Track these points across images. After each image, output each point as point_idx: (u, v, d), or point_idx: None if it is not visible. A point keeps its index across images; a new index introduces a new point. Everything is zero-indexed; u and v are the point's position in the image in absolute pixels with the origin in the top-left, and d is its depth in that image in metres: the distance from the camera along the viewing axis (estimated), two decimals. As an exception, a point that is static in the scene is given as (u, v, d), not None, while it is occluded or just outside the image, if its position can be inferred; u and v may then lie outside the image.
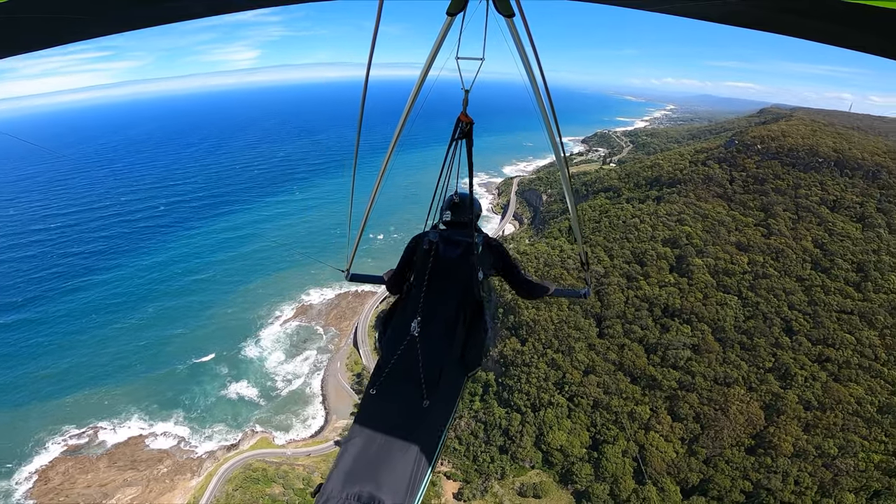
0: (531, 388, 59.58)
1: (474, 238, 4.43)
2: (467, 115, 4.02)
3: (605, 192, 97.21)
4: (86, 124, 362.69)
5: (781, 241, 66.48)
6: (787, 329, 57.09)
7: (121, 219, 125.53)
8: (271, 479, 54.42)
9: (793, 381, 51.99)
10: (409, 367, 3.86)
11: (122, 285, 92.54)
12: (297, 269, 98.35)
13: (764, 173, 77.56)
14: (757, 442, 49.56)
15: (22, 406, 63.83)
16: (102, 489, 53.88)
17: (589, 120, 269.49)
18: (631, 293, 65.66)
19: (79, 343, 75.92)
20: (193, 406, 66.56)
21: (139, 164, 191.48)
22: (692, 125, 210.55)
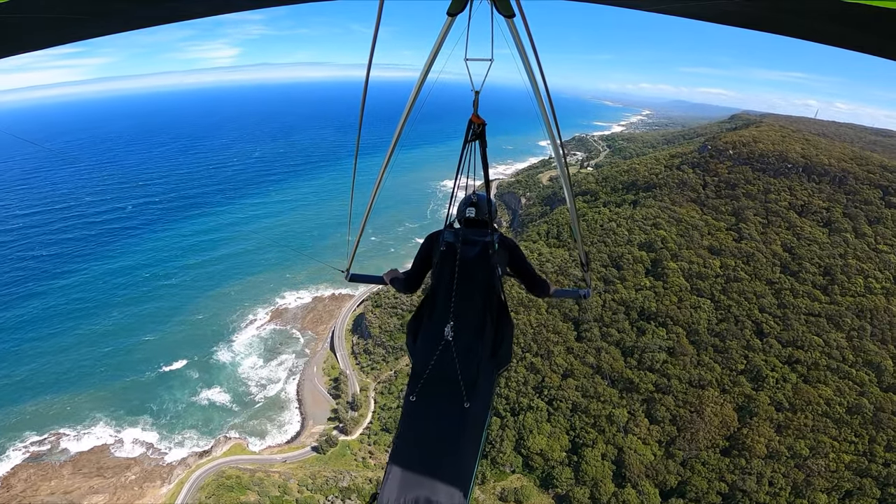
0: (510, 392, 59.41)
1: (492, 237, 4.43)
2: (479, 117, 4.03)
3: (582, 196, 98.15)
4: (53, 121, 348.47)
5: (752, 245, 68.14)
6: (759, 331, 58.56)
7: (85, 220, 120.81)
8: (246, 487, 52.76)
9: (764, 383, 53.22)
10: (445, 370, 3.88)
11: (85, 290, 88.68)
12: (272, 271, 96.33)
13: (735, 178, 79.49)
14: (731, 443, 50.48)
15: None
16: (67, 496, 51.83)
17: (566, 124, 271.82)
18: (608, 297, 66.26)
19: (38, 349, 72.51)
20: (162, 412, 64.31)
21: (107, 162, 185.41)
22: (667, 130, 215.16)
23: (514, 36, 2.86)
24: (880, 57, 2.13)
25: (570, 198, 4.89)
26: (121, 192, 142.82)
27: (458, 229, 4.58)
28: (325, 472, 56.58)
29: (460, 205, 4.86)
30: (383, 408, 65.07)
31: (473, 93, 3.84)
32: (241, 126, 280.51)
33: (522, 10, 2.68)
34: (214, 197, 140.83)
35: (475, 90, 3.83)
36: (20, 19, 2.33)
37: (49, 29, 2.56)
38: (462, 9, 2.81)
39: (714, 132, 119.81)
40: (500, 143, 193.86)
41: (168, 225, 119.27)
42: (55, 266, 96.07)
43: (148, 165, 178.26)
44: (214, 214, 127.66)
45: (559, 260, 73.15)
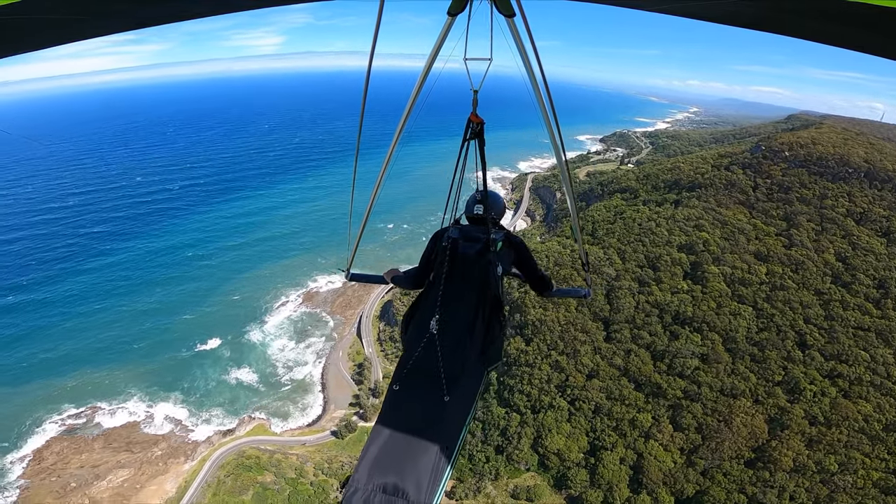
0: (532, 389, 58.30)
1: (491, 234, 4.47)
2: (478, 116, 4.03)
3: (621, 193, 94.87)
4: (110, 105, 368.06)
5: (803, 252, 63.91)
6: (801, 343, 55.25)
7: (135, 199, 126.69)
8: (263, 468, 53.90)
9: (801, 396, 50.48)
10: (430, 363, 3.92)
11: (131, 268, 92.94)
12: (306, 255, 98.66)
13: (790, 181, 74.58)
14: (757, 455, 48.32)
15: (23, 384, 63.92)
16: (94, 470, 53.51)
17: (608, 119, 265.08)
18: (642, 298, 63.78)
19: (84, 324, 76.16)
20: (193, 390, 66.32)
21: (157, 145, 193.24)
22: (716, 129, 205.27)
23: (515, 35, 2.85)
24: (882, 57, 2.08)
25: (571, 198, 4.90)
26: (169, 173, 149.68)
27: (464, 226, 4.66)
28: (342, 457, 57.31)
29: (469, 201, 4.92)
30: (405, 396, 65.32)
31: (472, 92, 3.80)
32: (284, 113, 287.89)
33: (523, 10, 2.67)
34: (255, 181, 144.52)
35: (474, 89, 3.80)
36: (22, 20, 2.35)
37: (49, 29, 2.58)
38: (462, 9, 2.81)
39: (768, 132, 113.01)
40: (537, 136, 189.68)
41: (210, 206, 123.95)
42: (104, 244, 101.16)
43: (195, 149, 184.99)
44: (254, 198, 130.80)
45: (593, 258, 70.94)
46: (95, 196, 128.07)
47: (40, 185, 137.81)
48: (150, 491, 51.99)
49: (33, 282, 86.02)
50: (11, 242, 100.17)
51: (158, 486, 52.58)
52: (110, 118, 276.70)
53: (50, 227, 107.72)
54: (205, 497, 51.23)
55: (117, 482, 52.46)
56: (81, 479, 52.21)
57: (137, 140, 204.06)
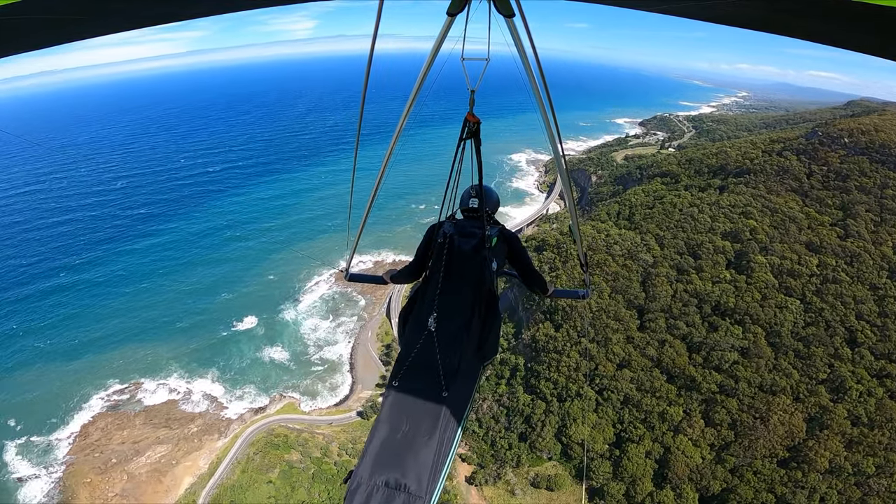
0: (560, 376, 57.13)
1: (487, 230, 4.50)
2: (474, 115, 4.06)
3: (661, 177, 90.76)
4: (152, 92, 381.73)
5: (859, 244, 59.38)
6: (850, 340, 51.73)
7: (177, 182, 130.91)
8: (291, 446, 55.02)
9: (846, 396, 47.52)
10: (428, 360, 3.99)
11: (173, 248, 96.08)
12: (338, 235, 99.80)
13: (849, 169, 69.10)
14: (791, 455, 46.11)
15: (73, 361, 66.92)
16: (135, 446, 55.57)
17: (648, 102, 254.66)
18: (680, 287, 61.03)
19: (129, 303, 79.32)
20: (229, 367, 68.38)
21: (198, 129, 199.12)
22: (767, 114, 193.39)
23: (514, 35, 2.85)
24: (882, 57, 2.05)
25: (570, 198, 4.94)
26: (210, 156, 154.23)
27: (459, 221, 4.70)
28: (365, 438, 58.01)
29: (463, 195, 5.01)
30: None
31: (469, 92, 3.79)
32: (318, 96, 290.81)
33: (522, 10, 2.67)
34: (290, 163, 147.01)
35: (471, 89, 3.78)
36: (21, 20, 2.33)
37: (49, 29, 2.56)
38: (462, 9, 2.79)
39: (826, 118, 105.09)
40: (575, 119, 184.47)
41: (248, 188, 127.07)
42: (149, 225, 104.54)
43: (234, 132, 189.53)
44: (290, 179, 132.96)
45: (629, 243, 68.32)
46: (142, 179, 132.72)
47: (91, 169, 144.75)
48: (184, 467, 53.76)
49: (84, 262, 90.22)
50: (64, 223, 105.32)
51: (192, 463, 54.34)
52: (153, 104, 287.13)
53: (101, 209, 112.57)
54: (234, 474, 52.66)
55: (155, 458, 54.30)
56: (122, 455, 54.25)
57: (180, 124, 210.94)
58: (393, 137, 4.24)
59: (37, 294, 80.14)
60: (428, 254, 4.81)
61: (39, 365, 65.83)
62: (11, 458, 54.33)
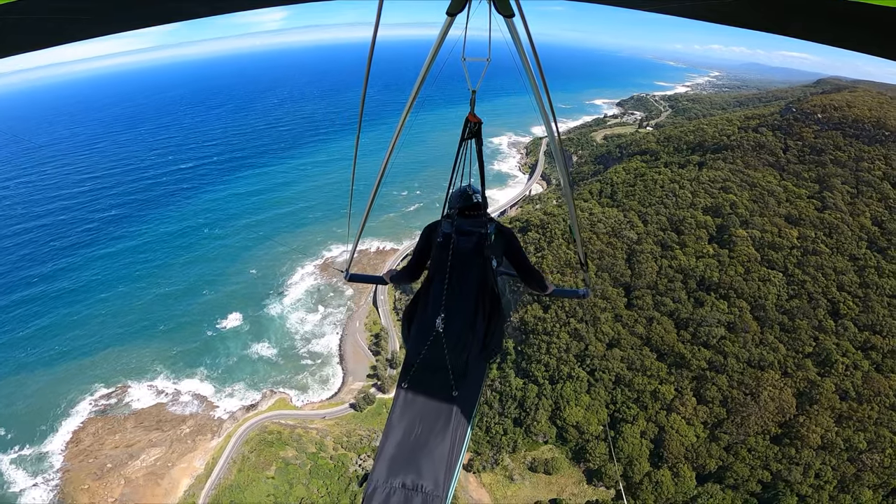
0: (551, 359, 57.25)
1: (487, 229, 4.48)
2: (475, 116, 4.08)
3: (641, 156, 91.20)
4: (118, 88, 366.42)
5: (837, 216, 60.60)
6: (834, 312, 52.72)
7: (149, 181, 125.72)
8: (285, 443, 54.50)
9: (832, 369, 48.34)
10: (436, 360, 4.01)
11: (149, 250, 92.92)
12: (321, 225, 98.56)
13: (823, 143, 70.36)
14: (784, 431, 46.90)
15: (55, 368, 65.09)
16: (128, 450, 54.83)
17: (624, 83, 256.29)
18: (665, 263, 61.58)
19: (108, 308, 76.84)
20: (216, 366, 67.14)
21: (168, 126, 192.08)
22: (739, 93, 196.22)
23: (514, 36, 2.85)
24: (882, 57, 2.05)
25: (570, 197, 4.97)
26: (181, 153, 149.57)
27: (455, 220, 4.60)
28: (360, 430, 57.64)
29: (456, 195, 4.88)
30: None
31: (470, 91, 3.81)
32: (292, 87, 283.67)
33: (522, 10, 2.67)
34: (266, 156, 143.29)
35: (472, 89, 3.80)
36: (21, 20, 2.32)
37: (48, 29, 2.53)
38: (461, 8, 2.80)
39: (797, 96, 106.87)
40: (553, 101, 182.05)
41: (223, 184, 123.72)
42: (123, 227, 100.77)
43: (205, 127, 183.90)
44: (266, 173, 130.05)
45: (612, 221, 68.45)
46: (111, 179, 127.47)
47: (57, 171, 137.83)
48: (180, 469, 53.25)
49: (57, 269, 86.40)
50: (32, 230, 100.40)
51: (188, 464, 53.76)
52: (120, 101, 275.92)
53: (69, 213, 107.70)
54: (231, 473, 52.18)
55: (150, 461, 53.76)
56: (117, 460, 53.61)
57: (148, 121, 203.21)
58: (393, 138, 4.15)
59: (10, 305, 76.69)
60: (426, 254, 4.79)
61: (21, 375, 63.85)
62: (6, 467, 53.06)
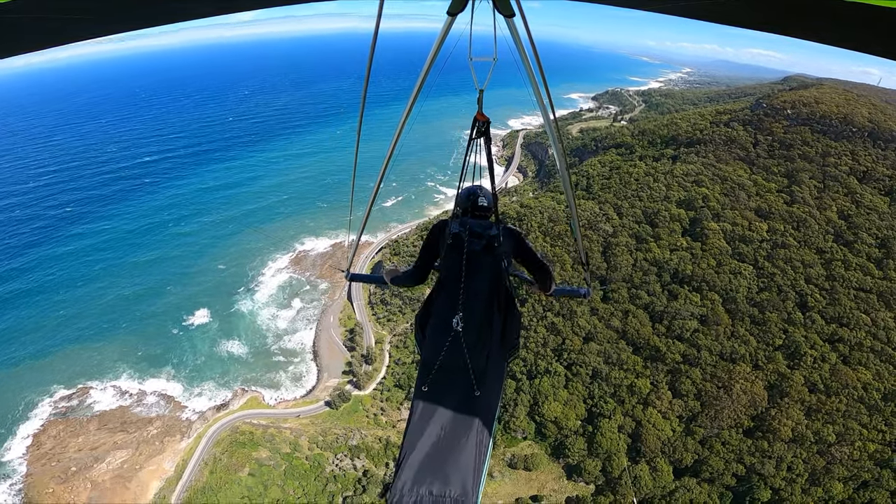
0: (528, 353, 57.03)
1: (498, 228, 4.51)
2: (483, 115, 4.07)
3: (616, 149, 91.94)
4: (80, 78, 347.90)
5: (805, 209, 62.29)
6: (802, 304, 54.23)
7: (110, 175, 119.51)
8: (258, 443, 52.92)
9: (801, 362, 49.70)
10: (456, 361, 3.92)
11: (110, 247, 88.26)
12: (293, 218, 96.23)
13: (792, 139, 72.22)
14: (756, 424, 48.02)
15: (11, 370, 61.95)
16: (93, 453, 52.62)
17: (599, 78, 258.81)
18: (640, 255, 62.19)
19: (67, 304, 73.14)
20: (183, 365, 64.66)
21: (131, 117, 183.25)
22: (710, 89, 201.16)
23: (514, 36, 2.85)
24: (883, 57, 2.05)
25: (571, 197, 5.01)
26: (144, 145, 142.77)
27: (465, 220, 4.60)
28: (336, 429, 56.29)
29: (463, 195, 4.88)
30: (397, 362, 63.90)
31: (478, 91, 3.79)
32: (264, 78, 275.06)
33: (522, 10, 2.68)
34: (236, 148, 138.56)
35: (479, 88, 3.76)
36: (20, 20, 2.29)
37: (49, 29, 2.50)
38: (462, 8, 2.80)
39: (765, 92, 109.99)
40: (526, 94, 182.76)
41: (190, 177, 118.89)
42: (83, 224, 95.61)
43: (171, 118, 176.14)
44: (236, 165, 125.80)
45: (588, 213, 68.56)
46: (67, 174, 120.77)
47: (9, 165, 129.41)
48: (149, 471, 51.44)
49: (9, 269, 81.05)
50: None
51: (157, 466, 52.01)
52: (80, 92, 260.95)
53: (22, 210, 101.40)
54: (203, 475, 50.45)
55: (116, 464, 51.74)
56: (81, 463, 51.44)
57: (109, 113, 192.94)
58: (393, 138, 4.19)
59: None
60: (434, 255, 4.78)
61: (-28, 378, 60.23)
62: None
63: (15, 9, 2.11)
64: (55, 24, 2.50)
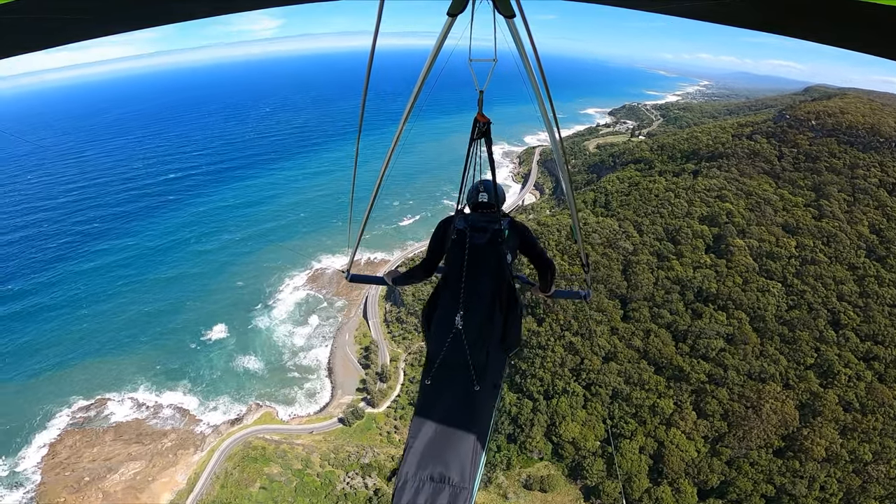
0: (545, 373, 55.54)
1: (501, 224, 4.57)
2: (484, 115, 4.14)
3: (634, 164, 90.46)
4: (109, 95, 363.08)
5: (834, 224, 59.87)
6: (834, 322, 51.69)
7: (136, 191, 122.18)
8: (269, 459, 52.70)
9: (835, 380, 47.24)
10: (457, 356, 4.03)
11: (131, 264, 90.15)
12: (310, 236, 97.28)
13: (818, 150, 69.93)
14: (787, 444, 45.64)
15: (32, 377, 63.28)
16: (107, 463, 53.05)
17: (616, 92, 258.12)
18: (661, 274, 60.36)
19: (87, 317, 74.63)
20: (200, 379, 65.10)
21: (158, 133, 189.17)
22: (729, 101, 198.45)
23: (515, 36, 2.85)
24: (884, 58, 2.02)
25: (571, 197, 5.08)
26: (168, 162, 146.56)
27: (469, 215, 4.70)
28: (349, 446, 55.56)
29: (470, 191, 4.96)
30: (412, 380, 63.03)
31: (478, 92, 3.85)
32: (284, 96, 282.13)
33: (523, 11, 2.67)
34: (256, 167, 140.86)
35: (479, 90, 3.83)
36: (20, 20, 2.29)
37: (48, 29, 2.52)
38: (462, 9, 2.79)
39: (787, 103, 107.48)
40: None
41: (212, 194, 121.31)
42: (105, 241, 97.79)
43: (196, 135, 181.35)
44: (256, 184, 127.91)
45: (607, 231, 67.18)
46: (95, 189, 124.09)
47: (38, 180, 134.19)
48: (161, 483, 51.60)
49: (36, 284, 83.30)
50: (12, 244, 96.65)
51: (169, 478, 52.17)
52: (108, 109, 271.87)
53: (50, 225, 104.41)
54: (214, 489, 50.42)
55: (129, 475, 52.09)
56: (94, 473, 51.92)
57: (137, 129, 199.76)
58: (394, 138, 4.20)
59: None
60: (440, 250, 4.82)
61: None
62: None
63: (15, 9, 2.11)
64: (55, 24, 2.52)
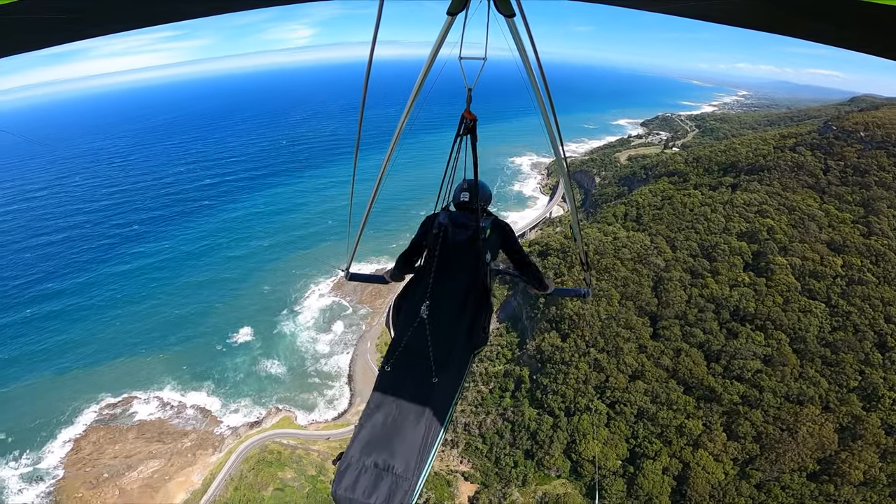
0: (568, 389, 53.82)
1: (486, 221, 4.67)
2: (471, 112, 4.16)
3: (668, 177, 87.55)
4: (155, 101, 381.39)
5: (884, 242, 56.12)
6: (881, 344, 48.29)
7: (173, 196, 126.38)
8: (284, 464, 52.89)
9: (879, 404, 44.06)
10: (420, 346, 4.04)
11: (165, 267, 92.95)
12: (337, 243, 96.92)
13: (867, 164, 65.90)
14: (823, 468, 42.77)
15: (64, 373, 65.49)
16: (127, 461, 54.10)
17: (649, 102, 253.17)
18: (695, 291, 57.76)
19: (121, 317, 77.22)
20: (224, 381, 66.16)
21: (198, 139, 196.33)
22: (769, 112, 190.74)
23: (515, 35, 2.85)
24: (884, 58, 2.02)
25: (571, 197, 5.22)
26: (206, 168, 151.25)
27: (453, 213, 4.80)
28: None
29: (456, 190, 5.02)
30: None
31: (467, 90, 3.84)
32: (317, 103, 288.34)
33: (522, 10, 2.67)
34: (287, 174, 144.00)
35: (468, 87, 3.83)
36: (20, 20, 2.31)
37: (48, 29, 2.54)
38: (462, 8, 2.79)
39: (831, 114, 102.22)
40: (576, 120, 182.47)
41: (244, 199, 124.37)
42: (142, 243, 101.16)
43: (232, 142, 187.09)
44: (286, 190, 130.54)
45: (638, 246, 65.02)
46: (136, 194, 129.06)
47: (84, 182, 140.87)
48: (177, 482, 52.22)
49: (76, 284, 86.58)
50: (54, 244, 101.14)
51: (186, 478, 52.75)
52: (154, 114, 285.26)
53: (94, 227, 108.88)
54: (227, 491, 50.82)
55: (147, 473, 52.91)
56: (114, 470, 52.90)
57: (178, 134, 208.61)
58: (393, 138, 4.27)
59: (24, 320, 76.85)
60: (422, 244, 4.88)
61: (29, 382, 63.98)
62: (2, 472, 52.77)
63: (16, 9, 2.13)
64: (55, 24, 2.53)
